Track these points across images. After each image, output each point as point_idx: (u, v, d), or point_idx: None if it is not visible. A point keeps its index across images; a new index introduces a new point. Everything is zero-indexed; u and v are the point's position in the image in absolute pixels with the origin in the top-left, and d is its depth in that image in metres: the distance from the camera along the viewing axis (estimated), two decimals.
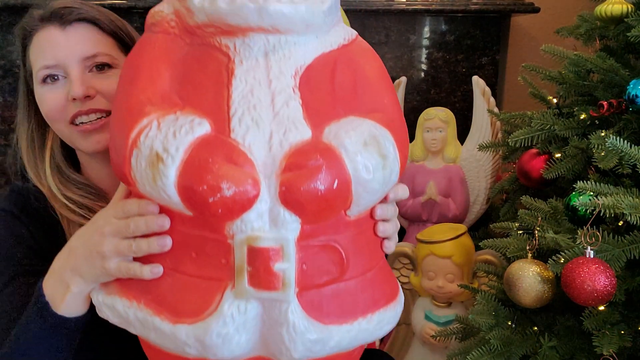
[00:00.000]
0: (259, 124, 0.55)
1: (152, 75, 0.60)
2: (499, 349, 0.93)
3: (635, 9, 1.05)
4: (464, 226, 1.36)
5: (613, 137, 0.84)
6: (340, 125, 0.58)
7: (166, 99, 0.58)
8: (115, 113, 0.62)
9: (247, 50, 0.58)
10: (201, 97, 0.58)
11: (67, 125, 0.85)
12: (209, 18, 0.57)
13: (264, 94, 0.57)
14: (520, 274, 0.89)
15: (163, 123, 0.55)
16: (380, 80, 0.66)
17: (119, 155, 0.58)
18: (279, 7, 0.55)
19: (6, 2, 1.53)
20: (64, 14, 0.84)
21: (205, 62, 0.59)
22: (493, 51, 1.74)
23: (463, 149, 1.57)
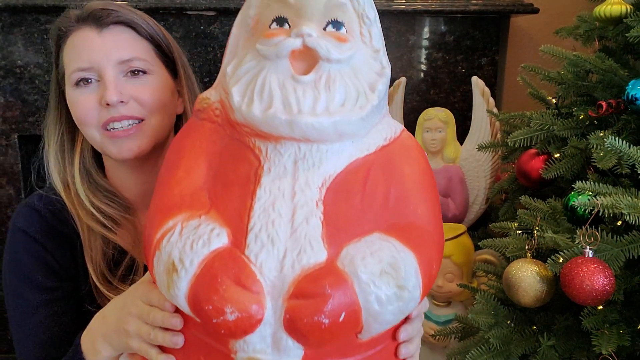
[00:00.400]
0: (275, 241, 0.54)
1: (191, 166, 0.61)
2: (499, 348, 0.93)
3: (634, 10, 1.05)
4: (463, 226, 1.36)
5: (612, 138, 0.84)
6: (359, 248, 0.55)
7: (196, 196, 0.59)
8: (153, 199, 0.62)
9: (278, 156, 0.58)
10: (227, 202, 0.58)
11: (99, 130, 0.83)
12: (245, 120, 0.58)
13: (285, 207, 0.56)
14: (519, 274, 0.89)
15: (185, 229, 0.56)
16: (418, 186, 0.62)
17: (147, 249, 0.59)
18: (310, 121, 0.56)
19: (6, 2, 1.53)
20: (101, 16, 0.82)
21: (238, 162, 0.60)
22: (492, 52, 1.74)
23: (462, 149, 1.57)
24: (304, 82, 0.58)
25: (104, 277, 0.85)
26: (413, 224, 0.60)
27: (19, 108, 1.64)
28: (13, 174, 1.68)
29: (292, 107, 0.56)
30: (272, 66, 0.58)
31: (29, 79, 1.62)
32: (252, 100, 0.58)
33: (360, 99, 0.59)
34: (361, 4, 0.64)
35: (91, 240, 0.85)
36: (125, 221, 0.89)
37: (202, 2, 1.58)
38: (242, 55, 0.62)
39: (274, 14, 0.61)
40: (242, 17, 0.65)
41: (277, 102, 0.57)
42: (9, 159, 1.67)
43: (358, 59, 0.61)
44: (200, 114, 0.64)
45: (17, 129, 1.65)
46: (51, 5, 1.54)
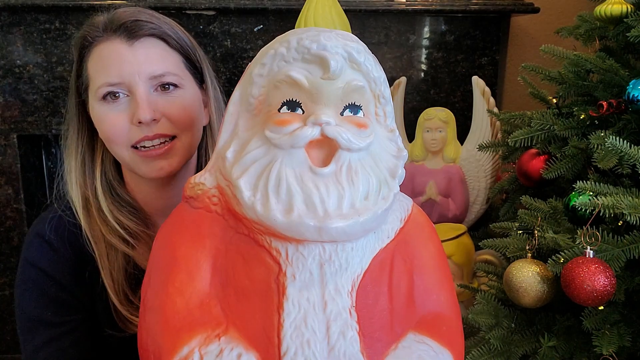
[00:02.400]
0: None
1: (191, 270, 0.54)
2: (499, 349, 0.93)
3: (635, 9, 1.05)
4: (463, 226, 1.36)
5: (613, 137, 0.84)
6: (399, 357, 0.53)
7: (206, 308, 0.52)
8: (150, 314, 0.54)
9: (301, 260, 0.52)
10: (247, 317, 0.52)
11: (128, 149, 0.79)
12: (260, 221, 0.52)
13: (318, 321, 0.51)
14: (520, 274, 0.89)
15: (206, 358, 0.49)
16: (438, 271, 0.61)
17: None
18: (341, 226, 0.51)
19: (6, 2, 1.53)
20: (133, 29, 0.77)
21: (252, 265, 0.53)
22: (493, 51, 1.74)
23: (463, 149, 1.57)
24: (324, 175, 0.53)
25: (126, 296, 0.82)
26: (440, 315, 0.59)
27: (18, 108, 1.64)
28: (12, 173, 1.68)
29: (316, 207, 0.51)
30: (286, 156, 0.53)
31: (28, 79, 1.62)
32: (267, 198, 0.52)
33: (383, 189, 0.56)
34: (378, 85, 0.59)
35: (111, 258, 0.82)
36: (145, 237, 0.85)
37: (202, 2, 1.58)
38: (244, 139, 0.56)
39: (284, 97, 0.55)
40: (241, 95, 0.58)
41: (299, 202, 0.51)
42: (8, 158, 1.67)
43: (375, 143, 0.57)
44: (194, 202, 0.57)
45: (16, 128, 1.65)
46: (51, 5, 1.54)
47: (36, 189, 1.78)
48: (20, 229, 1.71)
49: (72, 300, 0.82)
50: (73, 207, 0.84)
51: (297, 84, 0.54)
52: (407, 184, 1.62)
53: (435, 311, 0.59)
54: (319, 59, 0.54)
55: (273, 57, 0.56)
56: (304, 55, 0.54)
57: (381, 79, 0.59)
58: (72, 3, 1.54)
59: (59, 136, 1.72)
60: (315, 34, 0.55)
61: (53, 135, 1.73)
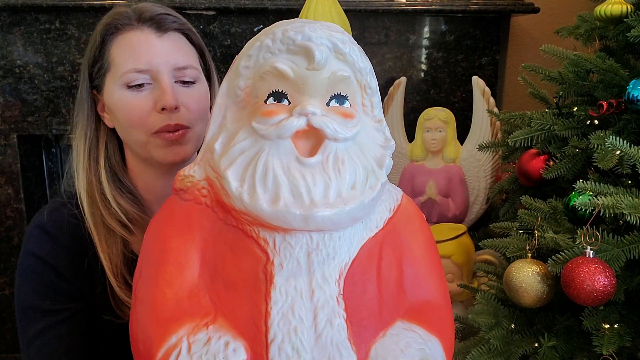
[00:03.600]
0: (300, 353, 0.50)
1: (181, 261, 0.54)
2: (499, 349, 0.93)
3: (635, 9, 1.05)
4: (463, 226, 1.36)
5: (612, 137, 0.84)
6: (387, 346, 0.53)
7: (195, 299, 0.53)
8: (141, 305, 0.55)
9: (288, 250, 0.53)
10: (235, 306, 0.52)
11: (148, 136, 0.82)
12: (248, 211, 0.52)
13: (305, 309, 0.51)
14: (520, 274, 0.89)
15: (194, 346, 0.49)
16: (428, 260, 0.62)
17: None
18: (327, 214, 0.51)
19: (6, 1, 1.53)
20: (162, 22, 0.82)
21: (241, 255, 0.54)
22: (493, 51, 1.74)
23: (463, 149, 1.57)
24: (311, 165, 0.53)
25: (124, 279, 0.84)
26: (429, 303, 0.59)
27: (18, 108, 1.64)
28: (12, 173, 1.68)
29: (302, 196, 0.52)
30: (272, 147, 0.53)
31: (28, 79, 1.62)
32: (253, 189, 0.52)
33: (370, 179, 0.56)
34: (364, 75, 0.59)
35: (109, 242, 0.84)
36: (142, 222, 0.88)
37: (202, 2, 1.58)
38: (232, 131, 0.56)
39: (270, 88, 0.56)
40: (228, 87, 0.59)
41: (285, 192, 0.52)
42: (8, 158, 1.67)
43: (362, 133, 0.58)
44: (184, 194, 0.57)
45: (16, 128, 1.65)
46: (51, 5, 1.54)
47: (36, 189, 1.78)
48: (20, 229, 1.71)
49: (69, 288, 0.83)
50: (78, 192, 0.87)
51: (282, 75, 0.55)
52: (407, 184, 1.62)
53: (424, 299, 0.59)
54: (304, 50, 0.54)
55: (259, 49, 0.56)
56: (289, 47, 0.55)
57: (367, 69, 0.59)
58: (72, 3, 1.54)
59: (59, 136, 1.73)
60: (300, 25, 0.56)
61: (53, 135, 1.73)
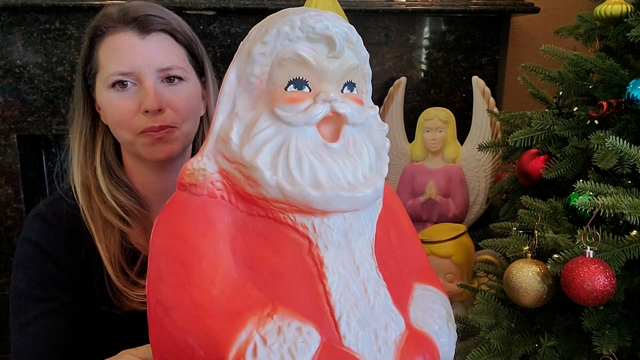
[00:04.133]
0: (364, 325, 0.53)
1: (212, 258, 0.52)
2: (499, 349, 0.93)
3: (635, 9, 1.05)
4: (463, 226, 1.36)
5: (613, 137, 0.84)
6: (418, 305, 0.61)
7: (244, 292, 0.51)
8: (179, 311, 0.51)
9: (328, 232, 0.54)
10: (291, 293, 0.52)
11: (134, 135, 0.84)
12: (287, 198, 0.53)
13: (357, 286, 0.54)
14: (520, 274, 0.89)
15: (269, 338, 0.48)
16: (413, 229, 0.69)
17: None
18: (367, 194, 0.55)
19: (6, 2, 1.53)
20: (146, 23, 0.83)
21: (277, 243, 0.54)
22: (493, 51, 1.74)
23: (463, 149, 1.57)
24: (336, 150, 0.56)
25: (121, 268, 0.85)
26: (424, 265, 0.68)
27: (18, 108, 1.64)
28: (12, 173, 1.68)
29: (340, 179, 0.54)
30: (299, 134, 0.54)
31: (28, 79, 1.62)
32: (291, 176, 0.53)
33: (379, 161, 0.60)
34: (365, 63, 0.62)
35: (107, 233, 0.85)
36: (140, 215, 0.90)
37: (202, 2, 1.58)
38: (248, 119, 0.56)
39: (291, 75, 0.56)
40: (239, 75, 0.58)
41: (324, 176, 0.53)
42: (8, 158, 1.67)
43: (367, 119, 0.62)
44: (196, 189, 0.55)
45: (16, 128, 1.65)
46: (51, 5, 1.54)
47: (36, 189, 1.77)
48: (20, 229, 1.71)
49: (66, 277, 0.83)
50: (72, 186, 0.88)
51: (304, 62, 0.55)
52: (407, 184, 1.62)
53: (421, 263, 0.67)
54: (325, 38, 0.56)
55: (276, 36, 0.56)
56: (308, 34, 0.56)
57: (367, 57, 0.62)
58: (72, 3, 1.54)
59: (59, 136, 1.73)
60: (317, 14, 0.57)
61: (53, 135, 1.73)
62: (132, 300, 0.84)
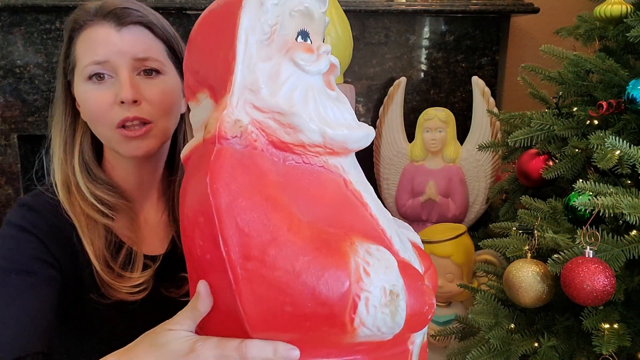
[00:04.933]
0: (402, 239, 0.61)
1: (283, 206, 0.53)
2: (499, 349, 0.93)
3: (635, 10, 1.05)
4: (463, 226, 1.36)
5: (612, 137, 0.84)
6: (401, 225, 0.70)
7: (325, 230, 0.54)
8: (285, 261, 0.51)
9: (350, 168, 0.60)
10: (351, 223, 0.57)
11: (110, 129, 0.83)
12: (327, 141, 0.57)
13: (380, 208, 0.61)
14: (519, 274, 0.89)
15: (369, 259, 0.53)
16: None
17: (331, 307, 0.51)
18: (373, 134, 0.62)
19: (6, 2, 1.53)
20: (122, 15, 0.83)
21: (320, 183, 0.57)
22: (492, 51, 1.74)
23: (463, 149, 1.57)
24: (335, 98, 0.60)
25: (106, 262, 0.85)
26: None
27: (18, 108, 1.64)
28: (12, 173, 1.68)
29: (351, 123, 0.59)
30: (314, 82, 0.58)
31: (28, 79, 1.62)
32: (325, 121, 0.57)
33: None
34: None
35: (91, 228, 0.85)
36: (124, 208, 0.90)
37: (202, 2, 1.58)
38: (268, 69, 0.56)
39: (299, 27, 0.59)
40: (252, 25, 0.56)
41: (347, 119, 0.59)
42: (8, 158, 1.67)
43: None
44: (240, 141, 0.54)
45: (17, 128, 1.65)
46: (51, 5, 1.54)
47: None
48: None
49: (48, 256, 0.83)
50: (54, 183, 0.88)
51: (310, 15, 0.59)
52: (407, 184, 1.62)
53: None
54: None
55: None
56: None
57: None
58: (72, 3, 1.54)
59: None
60: None
61: None
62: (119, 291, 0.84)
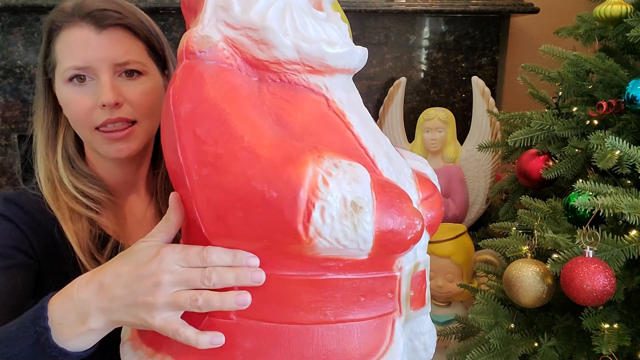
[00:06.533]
0: (391, 160, 0.58)
1: (248, 117, 0.53)
2: (499, 349, 0.93)
3: (635, 10, 1.05)
4: (463, 226, 1.36)
5: (612, 137, 0.84)
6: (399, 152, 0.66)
7: (285, 141, 0.53)
8: (237, 166, 0.51)
9: (336, 89, 0.58)
10: (326, 140, 0.55)
11: (92, 130, 0.84)
12: (303, 57, 0.55)
13: (372, 133, 0.59)
14: (519, 274, 0.89)
15: (332, 170, 0.51)
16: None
17: (282, 214, 0.50)
18: (363, 52, 0.59)
19: (6, 2, 1.53)
20: (101, 18, 0.82)
21: (298, 102, 0.56)
22: (492, 51, 1.74)
23: (463, 149, 1.57)
24: (323, 19, 0.59)
25: (91, 254, 0.85)
26: None
27: (18, 108, 1.64)
28: (12, 174, 1.68)
29: (336, 42, 0.57)
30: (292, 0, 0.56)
31: (28, 79, 1.62)
32: (302, 37, 0.54)
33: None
34: None
35: (75, 221, 0.85)
36: (109, 203, 0.90)
37: None
38: None
39: None
40: None
41: (333, 36, 0.56)
42: (8, 158, 1.67)
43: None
44: (206, 56, 0.54)
45: (17, 128, 1.65)
46: (51, 5, 1.54)
47: None
48: None
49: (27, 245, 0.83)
50: (37, 179, 0.88)
51: None
52: None
53: None
54: None
55: None
56: None
57: None
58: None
59: None
60: None
61: None
62: None
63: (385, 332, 0.57)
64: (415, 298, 0.59)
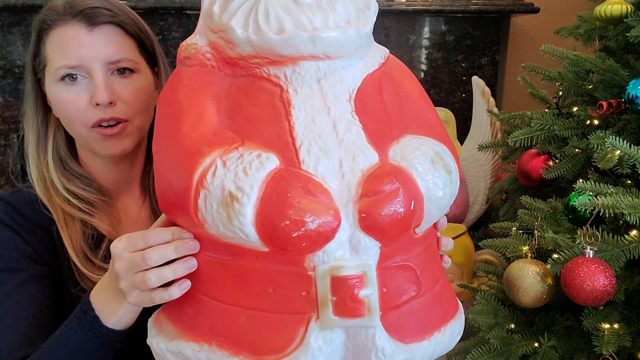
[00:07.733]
0: (327, 153, 0.55)
1: (198, 111, 0.58)
2: (499, 349, 0.93)
3: (635, 10, 1.05)
4: (463, 226, 1.36)
5: (612, 137, 0.84)
6: (402, 146, 0.59)
7: (219, 134, 0.57)
8: (165, 153, 0.59)
9: (299, 78, 0.58)
10: (259, 131, 0.57)
11: (86, 129, 0.83)
12: (256, 49, 0.57)
13: (325, 121, 0.57)
14: (519, 274, 0.89)
15: (229, 161, 0.54)
16: (421, 96, 0.68)
17: (180, 198, 0.56)
18: (332, 34, 0.57)
19: (6, 2, 1.53)
20: (92, 16, 0.82)
21: (254, 94, 0.58)
22: (493, 51, 1.74)
23: (463, 149, 1.57)
24: (307, 4, 0.58)
25: (85, 256, 0.85)
26: (431, 125, 0.65)
27: (18, 108, 1.63)
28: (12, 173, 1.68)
29: (305, 25, 0.56)
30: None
31: None
32: (259, 28, 0.56)
33: (361, 16, 0.62)
34: None
35: (68, 223, 0.85)
36: (102, 204, 0.90)
37: None
38: None
39: None
40: None
41: (289, 24, 0.56)
42: (8, 158, 1.67)
43: None
44: (189, 61, 0.61)
45: (16, 128, 1.65)
46: None
47: None
48: None
49: (33, 253, 0.84)
50: (30, 180, 0.89)
51: None
52: None
53: (427, 124, 0.65)
54: None
55: None
56: None
57: None
58: None
59: None
60: None
61: None
62: None
63: (297, 331, 0.55)
64: (339, 304, 0.54)
